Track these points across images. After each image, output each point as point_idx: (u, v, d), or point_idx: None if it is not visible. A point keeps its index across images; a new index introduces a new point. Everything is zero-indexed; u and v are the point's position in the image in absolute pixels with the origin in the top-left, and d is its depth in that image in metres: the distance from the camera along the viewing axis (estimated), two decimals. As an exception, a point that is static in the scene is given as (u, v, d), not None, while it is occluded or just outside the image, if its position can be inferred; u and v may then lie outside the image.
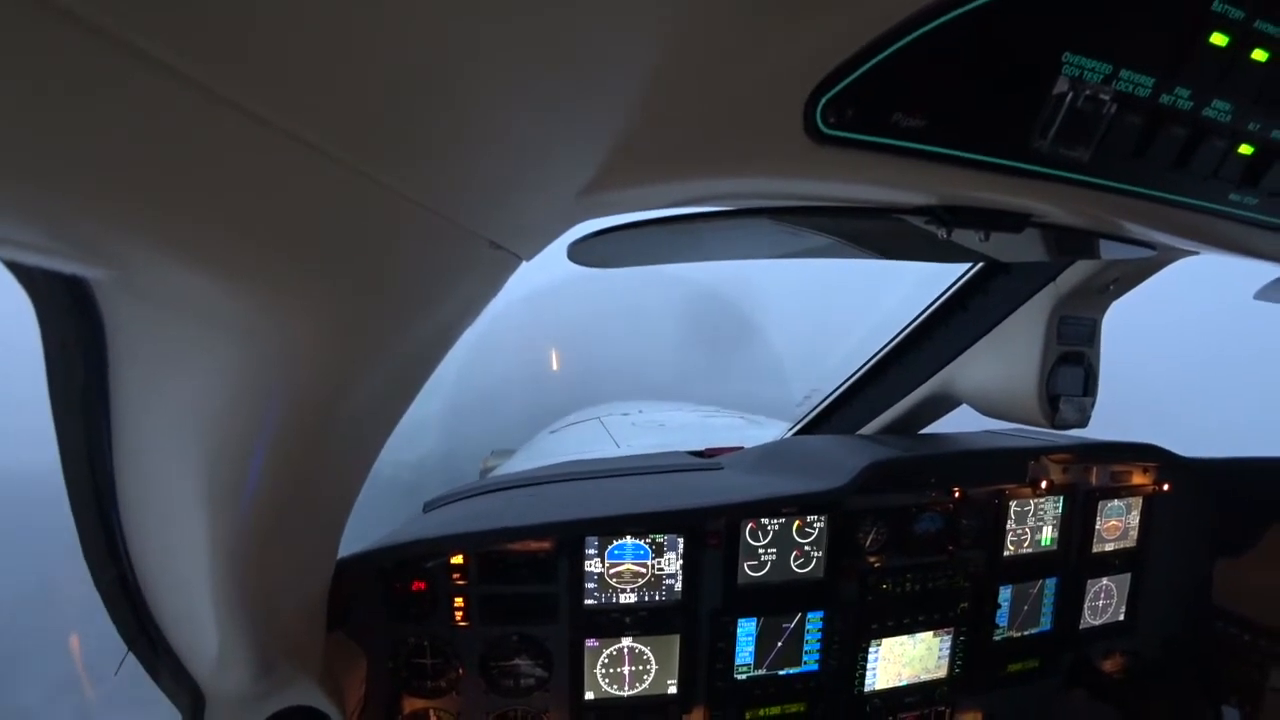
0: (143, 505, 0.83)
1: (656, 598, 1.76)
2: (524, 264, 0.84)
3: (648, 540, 1.73)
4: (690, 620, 1.79)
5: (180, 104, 0.38)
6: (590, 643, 1.75)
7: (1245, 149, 0.72)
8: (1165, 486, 2.14)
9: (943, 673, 2.03)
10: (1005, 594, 2.06)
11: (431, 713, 1.73)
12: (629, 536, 1.72)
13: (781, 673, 1.88)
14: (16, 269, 0.59)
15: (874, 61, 0.57)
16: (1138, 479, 2.14)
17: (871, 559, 1.92)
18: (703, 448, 2.48)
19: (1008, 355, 1.83)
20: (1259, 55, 0.64)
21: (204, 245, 0.48)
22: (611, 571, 1.73)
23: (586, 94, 0.54)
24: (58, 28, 0.31)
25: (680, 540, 1.75)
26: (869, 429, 2.41)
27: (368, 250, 0.60)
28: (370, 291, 0.65)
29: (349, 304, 0.63)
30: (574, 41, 0.48)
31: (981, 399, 1.97)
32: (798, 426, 2.66)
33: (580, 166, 0.64)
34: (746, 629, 1.83)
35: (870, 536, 1.91)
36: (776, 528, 1.81)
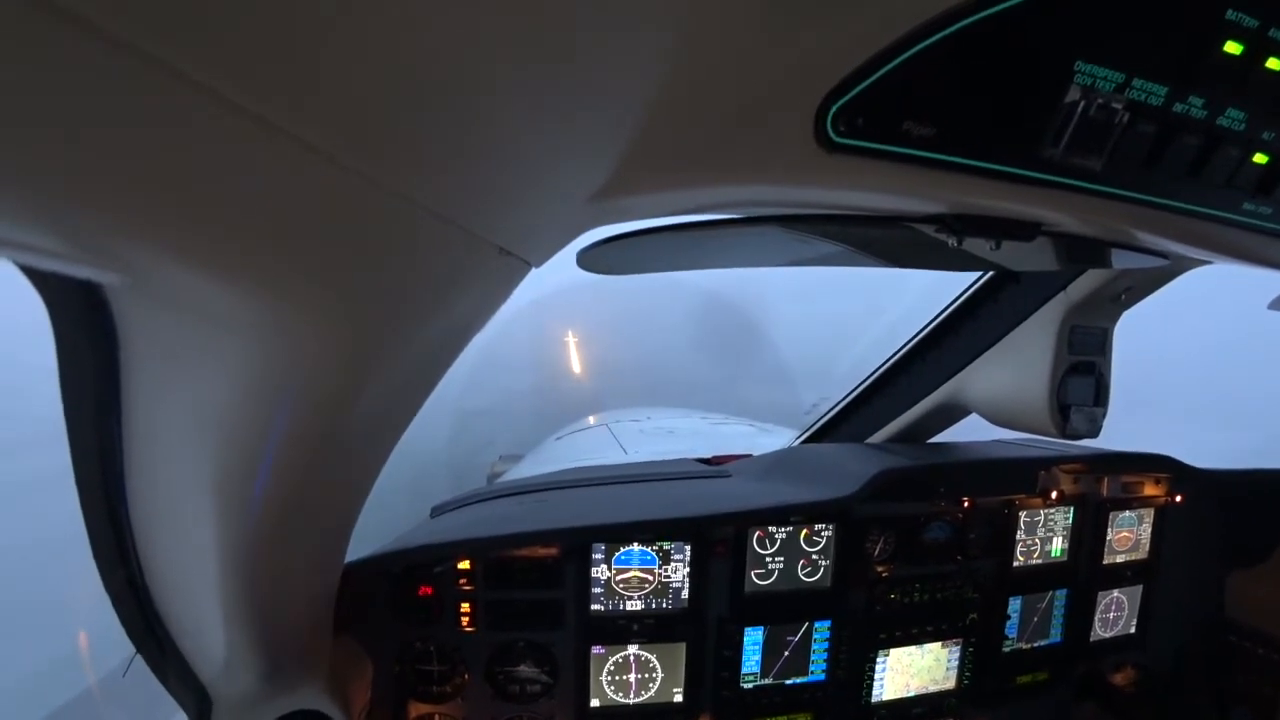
0: (152, 507, 0.84)
1: (663, 605, 1.76)
2: (533, 270, 0.84)
3: (655, 547, 1.73)
4: (697, 628, 1.78)
5: (191, 110, 0.38)
6: (596, 649, 1.74)
7: (1260, 158, 0.72)
8: (1177, 497, 2.12)
9: (951, 684, 2.02)
10: (1015, 605, 2.04)
11: (437, 718, 1.73)
12: (636, 543, 1.72)
13: (788, 682, 1.87)
14: (31, 273, 0.59)
15: (885, 70, 0.57)
16: (1149, 490, 2.12)
17: (879, 568, 1.91)
18: (711, 455, 2.48)
19: (1018, 364, 1.82)
20: (1273, 64, 0.63)
21: (214, 252, 0.48)
22: (618, 578, 1.73)
23: (597, 100, 0.54)
24: (69, 32, 0.32)
25: (687, 548, 1.74)
26: (877, 437, 2.40)
27: (376, 256, 0.60)
28: (379, 297, 0.65)
29: (357, 309, 0.64)
30: (584, 48, 0.48)
31: (991, 408, 1.96)
32: (806, 434, 2.65)
33: (590, 173, 0.64)
34: (753, 638, 1.82)
35: (878, 546, 1.90)
36: (784, 536, 1.80)
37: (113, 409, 0.74)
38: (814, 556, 1.83)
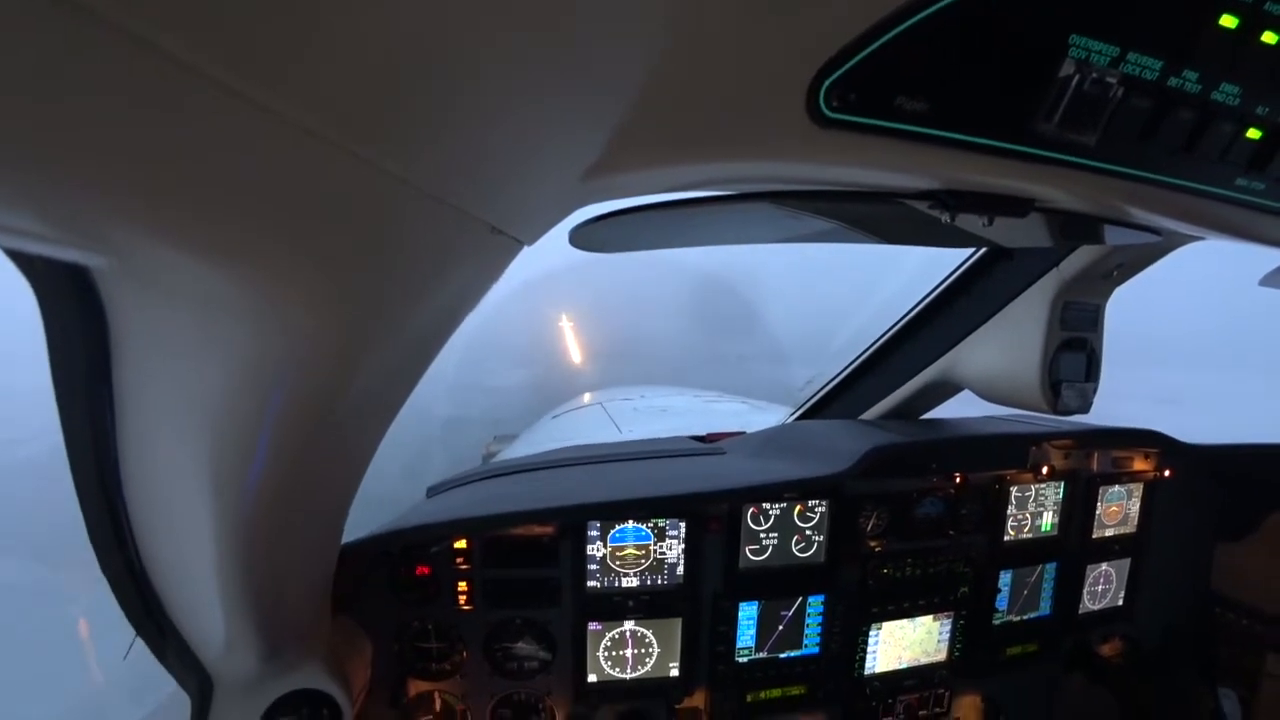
0: (148, 491, 0.84)
1: (658, 582, 1.78)
2: (525, 249, 0.83)
3: (650, 525, 1.74)
4: (692, 604, 1.81)
5: (177, 90, 0.38)
6: (593, 626, 1.76)
7: (1253, 133, 0.71)
8: (1166, 472, 2.15)
9: (942, 656, 2.05)
10: (1005, 579, 2.07)
11: (436, 695, 1.75)
12: (631, 521, 1.74)
13: (782, 656, 1.90)
14: (17, 257, 0.59)
15: (878, 44, 0.56)
16: (1139, 465, 2.14)
17: (872, 543, 1.93)
18: (705, 433, 2.48)
19: (1010, 341, 1.83)
20: (1269, 38, 0.63)
21: (203, 232, 0.48)
22: (614, 555, 1.74)
23: (589, 77, 0.54)
24: (58, 14, 0.31)
25: (682, 525, 1.76)
26: (871, 414, 2.41)
27: (366, 235, 0.60)
28: (370, 276, 0.64)
29: (349, 289, 0.63)
30: (576, 23, 0.47)
31: (984, 384, 1.97)
32: (800, 411, 2.66)
33: (582, 150, 0.63)
34: (748, 613, 1.84)
35: (871, 521, 1.92)
36: (778, 512, 1.82)
37: (105, 394, 0.74)
38: (807, 532, 1.85)
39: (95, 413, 0.76)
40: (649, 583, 1.77)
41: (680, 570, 1.78)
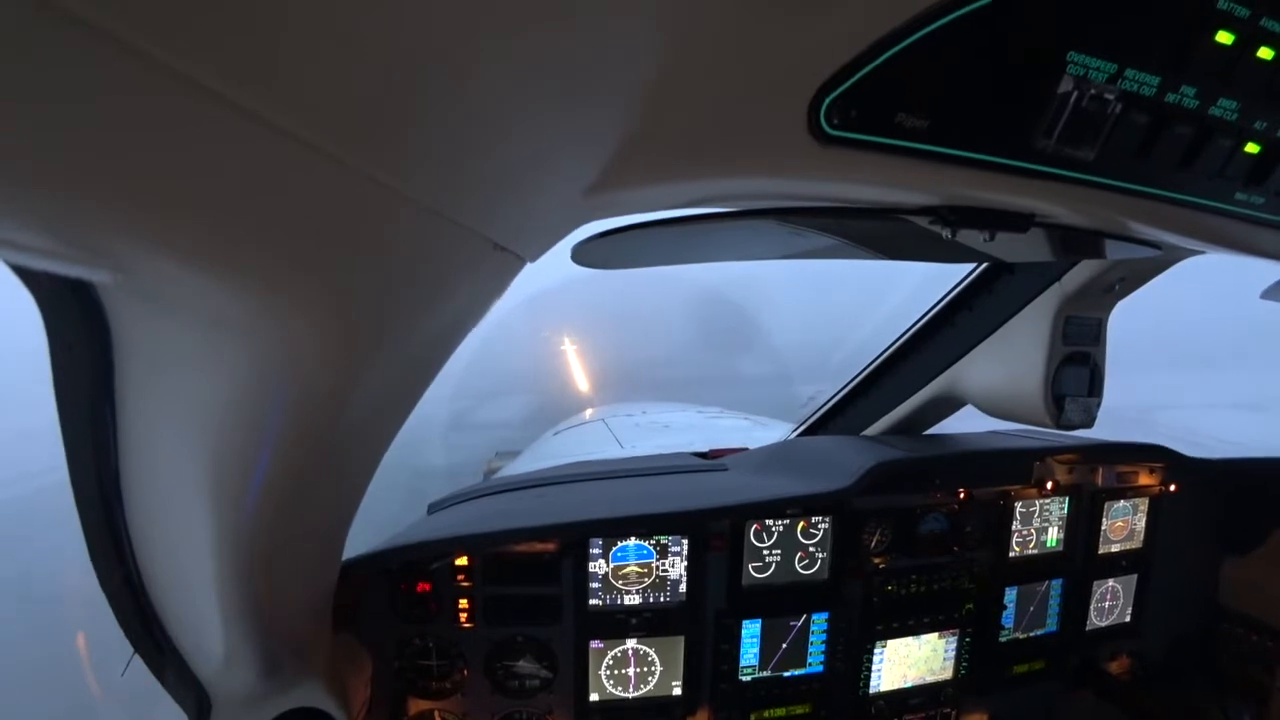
0: (148, 507, 0.84)
1: (661, 599, 1.76)
2: (528, 265, 0.84)
3: (652, 542, 1.74)
4: (695, 622, 1.79)
5: (178, 104, 0.38)
6: (595, 644, 1.75)
7: (1252, 148, 0.72)
8: (1172, 487, 2.13)
9: (948, 674, 2.03)
10: (1011, 595, 2.05)
11: (436, 714, 1.74)
12: (633, 538, 1.73)
13: (786, 674, 1.88)
14: (21, 272, 0.59)
15: (878, 62, 0.57)
16: (1144, 479, 2.13)
17: (876, 560, 1.92)
18: (707, 449, 2.48)
19: (1013, 356, 1.83)
20: (1265, 53, 0.63)
21: (205, 248, 0.48)
22: (616, 573, 1.73)
23: (590, 93, 0.54)
24: (58, 29, 0.31)
25: (684, 541, 1.75)
26: (874, 430, 2.40)
27: (368, 251, 0.60)
28: (371, 292, 0.64)
29: (350, 305, 0.63)
30: (578, 40, 0.48)
31: (986, 400, 1.97)
32: (802, 427, 2.65)
33: (584, 167, 0.64)
34: (751, 630, 1.83)
35: (875, 537, 1.91)
36: (781, 529, 1.81)
37: (107, 409, 0.74)
38: (811, 549, 1.84)
39: (97, 427, 0.76)
40: (651, 600, 1.76)
41: (683, 588, 1.77)
